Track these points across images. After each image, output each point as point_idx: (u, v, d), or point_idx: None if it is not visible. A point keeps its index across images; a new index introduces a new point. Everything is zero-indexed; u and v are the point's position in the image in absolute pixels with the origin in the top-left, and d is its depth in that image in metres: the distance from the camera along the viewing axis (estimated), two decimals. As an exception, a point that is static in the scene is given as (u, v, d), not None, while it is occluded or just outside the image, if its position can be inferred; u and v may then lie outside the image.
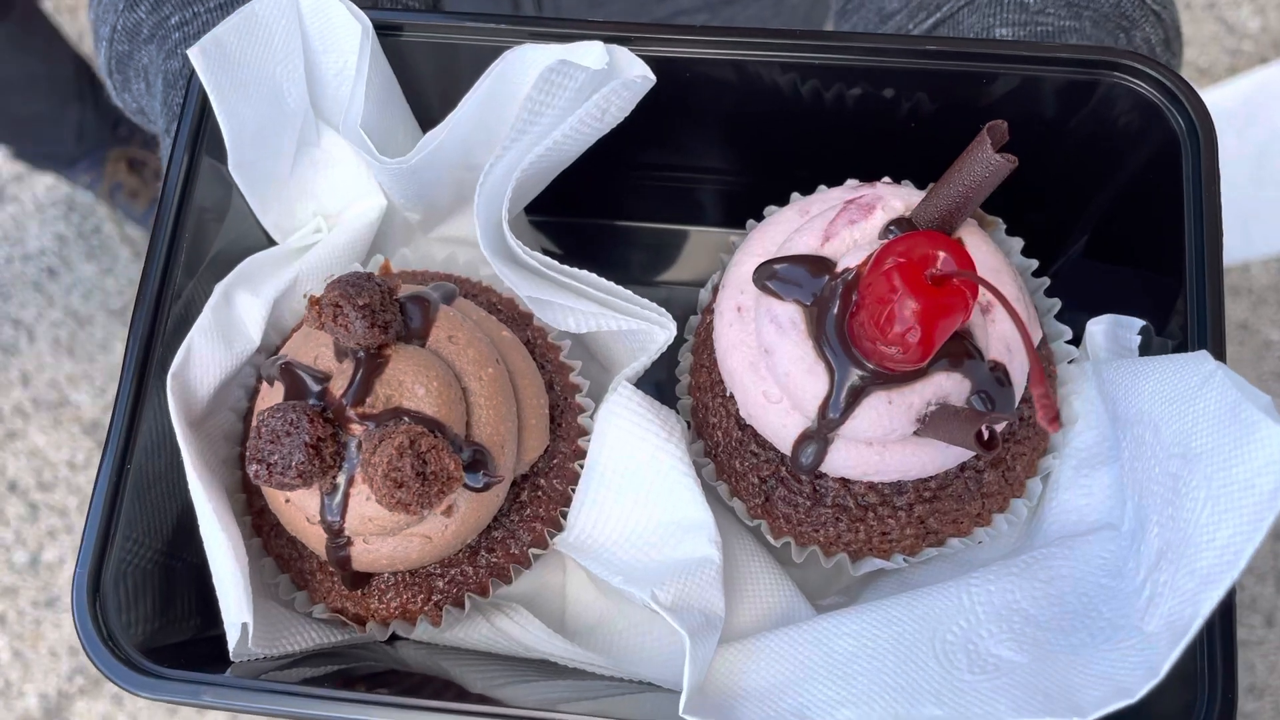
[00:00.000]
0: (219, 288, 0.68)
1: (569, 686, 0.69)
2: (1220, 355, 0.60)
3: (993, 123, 0.55)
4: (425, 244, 0.79)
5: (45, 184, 1.96)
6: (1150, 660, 0.49)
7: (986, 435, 0.52)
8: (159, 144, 0.83)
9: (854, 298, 0.57)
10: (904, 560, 0.64)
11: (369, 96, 0.67)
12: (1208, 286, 0.61)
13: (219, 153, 0.69)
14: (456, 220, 0.79)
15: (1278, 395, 1.76)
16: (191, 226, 0.68)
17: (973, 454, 0.62)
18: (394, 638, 0.70)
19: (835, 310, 0.57)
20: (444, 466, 0.56)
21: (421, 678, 0.71)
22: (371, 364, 0.59)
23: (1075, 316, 0.68)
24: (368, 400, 0.58)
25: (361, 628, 0.66)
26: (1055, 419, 0.44)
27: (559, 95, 0.61)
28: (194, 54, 0.64)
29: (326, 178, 0.75)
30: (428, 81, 0.74)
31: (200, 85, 0.67)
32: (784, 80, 0.68)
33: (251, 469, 0.57)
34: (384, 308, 0.59)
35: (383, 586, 0.66)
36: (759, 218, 0.72)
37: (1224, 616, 0.52)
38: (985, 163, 0.55)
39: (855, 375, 0.57)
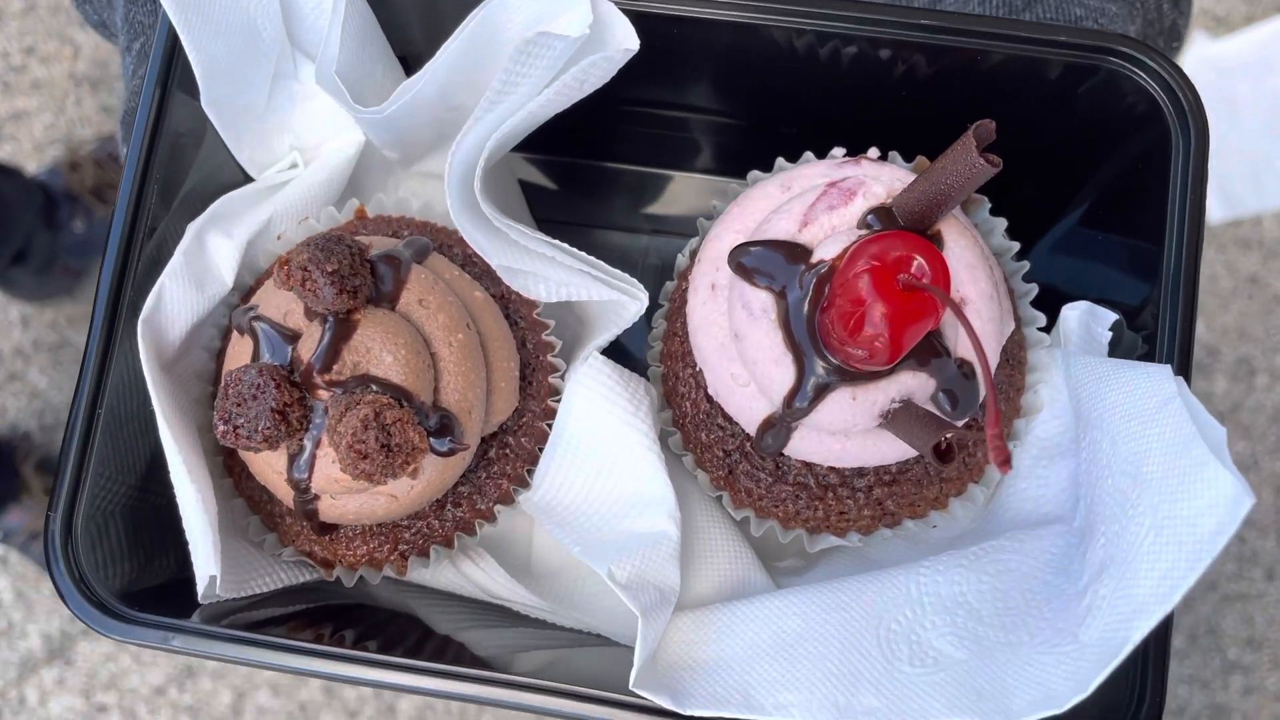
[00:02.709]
0: (191, 229, 0.67)
1: (529, 634, 0.71)
2: (1187, 356, 0.60)
3: (980, 123, 0.54)
4: (404, 186, 0.78)
5: (44, 123, 1.89)
6: (1081, 673, 0.51)
7: (944, 446, 0.53)
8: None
9: (826, 292, 0.57)
10: (859, 540, 0.65)
11: (345, 37, 0.65)
12: (1183, 282, 0.61)
13: (191, 86, 0.67)
14: (436, 157, 0.77)
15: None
16: (163, 163, 0.67)
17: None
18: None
19: (807, 303, 0.57)
20: (408, 439, 0.57)
21: (389, 614, 0.74)
22: (340, 329, 0.59)
23: (1052, 296, 0.67)
24: (335, 367, 0.58)
25: (329, 571, 0.68)
26: (1006, 461, 0.44)
27: (535, 65, 0.59)
28: (163, -7, 0.61)
29: (304, 111, 0.73)
30: (410, 15, 0.71)
31: (168, 18, 0.65)
32: (774, 42, 0.66)
33: (218, 429, 0.58)
34: (353, 272, 0.59)
35: (350, 534, 0.67)
36: (743, 168, 0.71)
37: (1159, 639, 0.54)
38: (968, 164, 0.54)
39: (822, 370, 0.57)
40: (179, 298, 0.65)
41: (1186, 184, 0.60)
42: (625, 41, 0.60)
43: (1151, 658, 0.55)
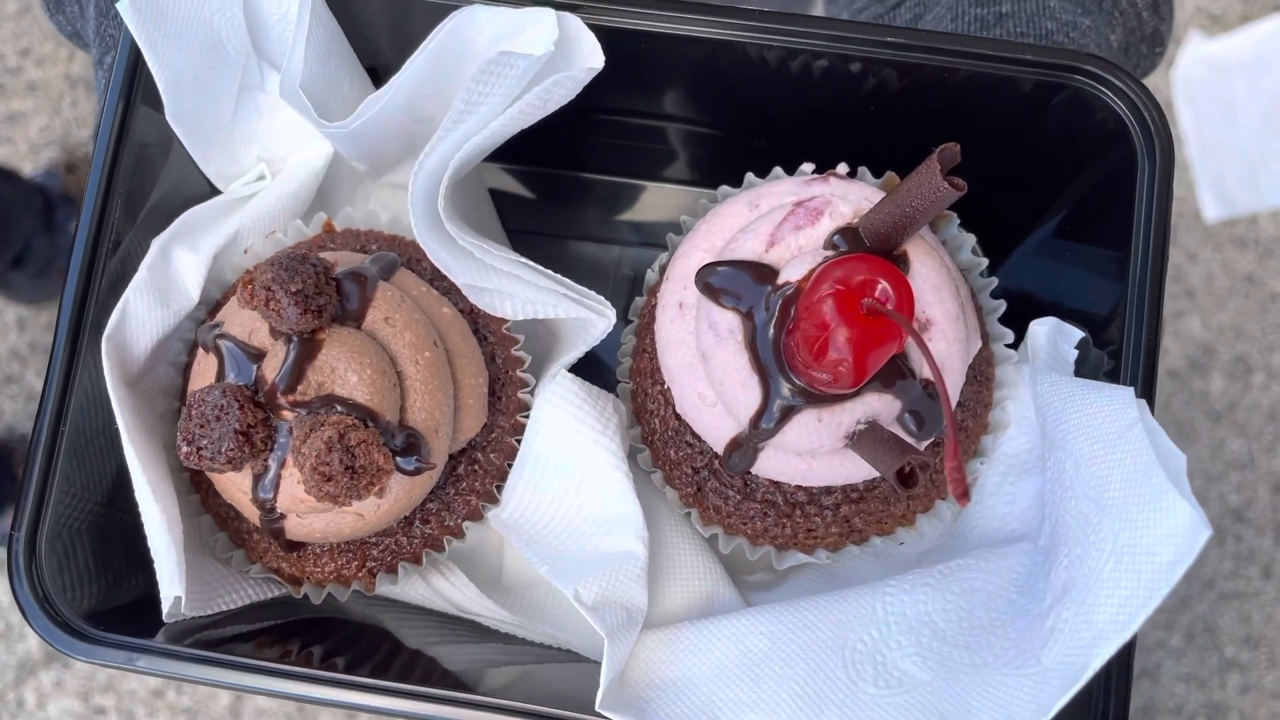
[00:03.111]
0: (156, 244, 0.66)
1: (498, 649, 0.71)
2: (1151, 375, 0.60)
3: (944, 146, 0.54)
4: (373, 198, 0.77)
5: (39, 125, 1.88)
6: (1042, 698, 0.51)
7: (907, 471, 0.53)
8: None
9: (791, 314, 0.57)
10: (826, 557, 0.65)
11: (310, 50, 0.65)
12: (1148, 300, 0.61)
13: (155, 100, 0.66)
14: (405, 168, 0.76)
15: (1284, 348, 1.76)
16: (127, 176, 0.66)
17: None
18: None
19: (773, 325, 0.57)
20: (373, 460, 0.56)
21: (358, 627, 0.74)
22: (304, 349, 0.59)
23: (1020, 310, 0.67)
24: (299, 387, 0.58)
25: (296, 588, 0.68)
26: (965, 495, 0.44)
27: (499, 84, 0.58)
28: (124, 9, 0.61)
29: (271, 122, 0.72)
30: (378, 27, 0.71)
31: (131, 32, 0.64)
32: (745, 56, 0.66)
33: (181, 450, 0.57)
34: (318, 292, 0.58)
35: (317, 551, 0.67)
36: (716, 179, 0.71)
37: (1121, 663, 0.54)
38: (933, 188, 0.54)
39: (788, 391, 0.57)
40: (144, 314, 0.65)
41: (1152, 202, 0.60)
42: (590, 60, 0.59)
43: (1115, 681, 0.55)
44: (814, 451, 0.59)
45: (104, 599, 0.65)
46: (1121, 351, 0.62)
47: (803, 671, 0.58)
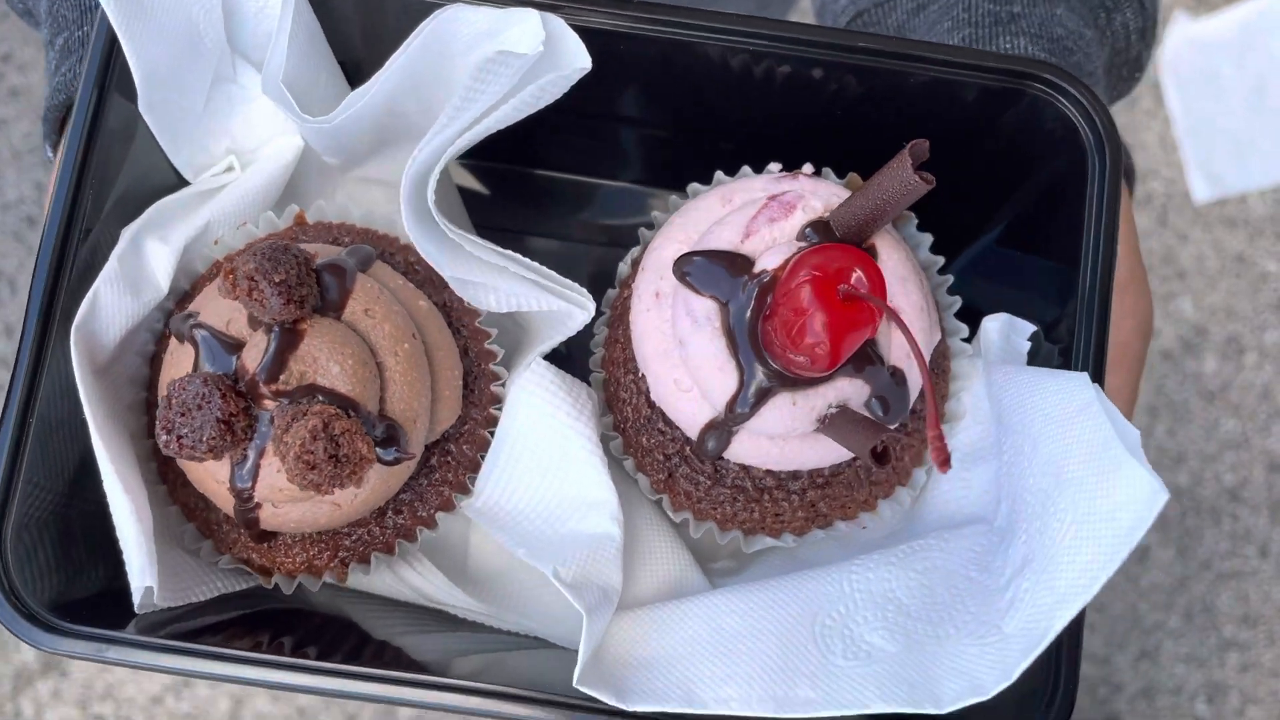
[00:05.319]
0: (126, 234, 0.66)
1: (467, 638, 0.72)
2: (1100, 367, 0.64)
3: (915, 142, 0.57)
4: (342, 191, 0.78)
5: (21, 131, 1.82)
6: (1006, 662, 0.54)
7: (880, 448, 0.55)
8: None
9: (768, 301, 0.59)
10: (792, 541, 0.67)
11: (292, 45, 0.65)
12: (1097, 301, 0.64)
13: (127, 88, 0.66)
14: (376, 161, 0.77)
15: (1275, 328, 1.79)
16: (99, 166, 0.66)
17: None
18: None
19: (749, 312, 0.59)
20: (356, 450, 0.57)
21: (326, 618, 0.74)
22: (286, 339, 0.59)
23: (973, 308, 0.71)
24: (281, 377, 0.58)
25: (267, 579, 0.68)
26: (946, 461, 0.47)
27: (494, 82, 0.60)
28: (104, -2, 0.61)
29: (242, 114, 0.72)
30: (351, 22, 0.71)
31: (108, 19, 0.64)
32: (715, 60, 0.68)
33: (161, 439, 0.57)
34: (300, 282, 0.59)
35: (289, 541, 0.67)
36: (679, 181, 0.73)
37: (1071, 630, 0.57)
38: (903, 181, 0.57)
39: (763, 376, 0.59)
40: (113, 304, 0.64)
41: (1102, 207, 0.64)
42: (577, 61, 0.61)
43: (1065, 647, 0.59)
44: (786, 435, 0.61)
45: (71, 590, 0.64)
46: (1071, 349, 0.65)
47: (774, 646, 0.60)
